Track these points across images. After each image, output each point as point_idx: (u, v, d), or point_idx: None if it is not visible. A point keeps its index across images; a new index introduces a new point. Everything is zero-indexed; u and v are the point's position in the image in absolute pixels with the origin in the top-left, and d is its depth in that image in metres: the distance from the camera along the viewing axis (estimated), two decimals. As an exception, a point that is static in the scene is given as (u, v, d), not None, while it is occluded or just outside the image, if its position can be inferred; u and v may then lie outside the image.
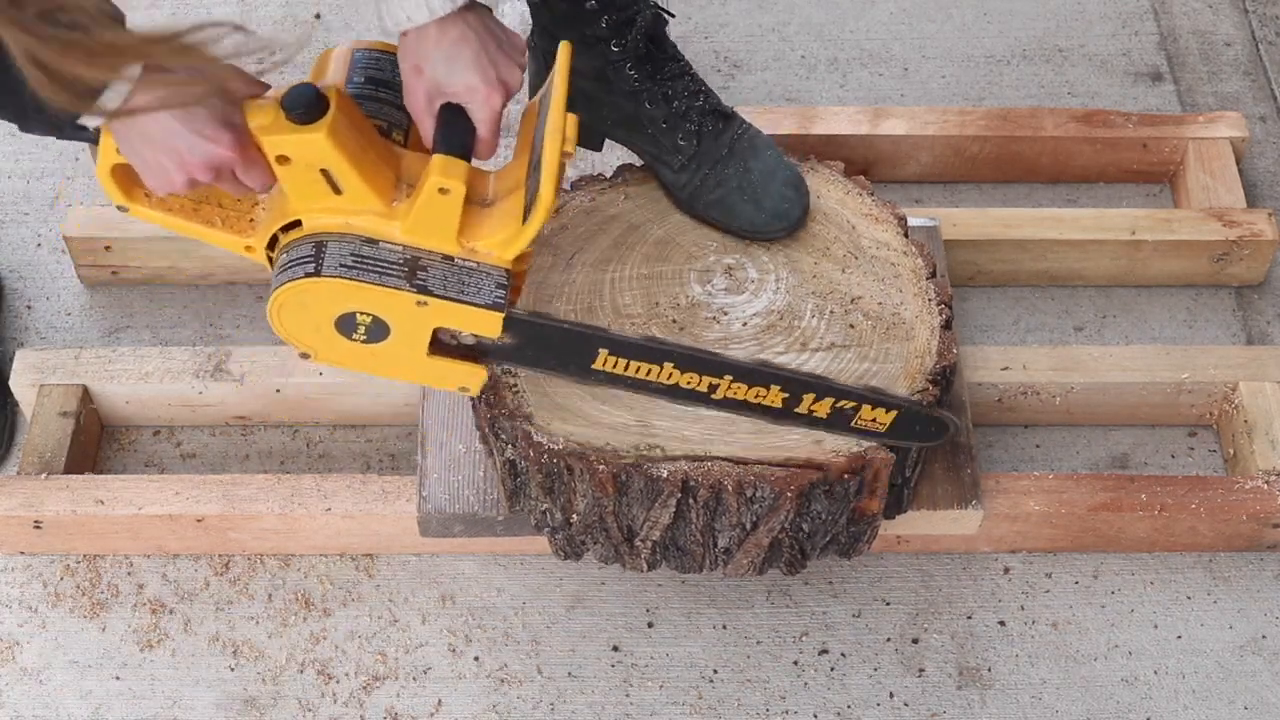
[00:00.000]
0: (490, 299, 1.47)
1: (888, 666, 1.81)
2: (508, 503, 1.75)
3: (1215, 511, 1.84)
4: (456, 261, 1.47)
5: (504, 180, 1.49)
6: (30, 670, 1.80)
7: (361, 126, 1.43)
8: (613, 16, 1.69)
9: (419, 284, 1.45)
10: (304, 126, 1.36)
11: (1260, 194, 2.26)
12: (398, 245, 1.46)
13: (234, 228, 1.50)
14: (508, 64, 1.45)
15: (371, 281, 1.44)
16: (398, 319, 1.48)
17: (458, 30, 1.41)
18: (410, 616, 1.84)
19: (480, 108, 1.45)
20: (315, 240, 1.46)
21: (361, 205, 1.44)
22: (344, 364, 1.55)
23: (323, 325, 1.50)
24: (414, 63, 1.44)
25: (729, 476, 1.58)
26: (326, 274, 1.44)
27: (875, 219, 1.82)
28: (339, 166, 1.40)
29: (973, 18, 2.49)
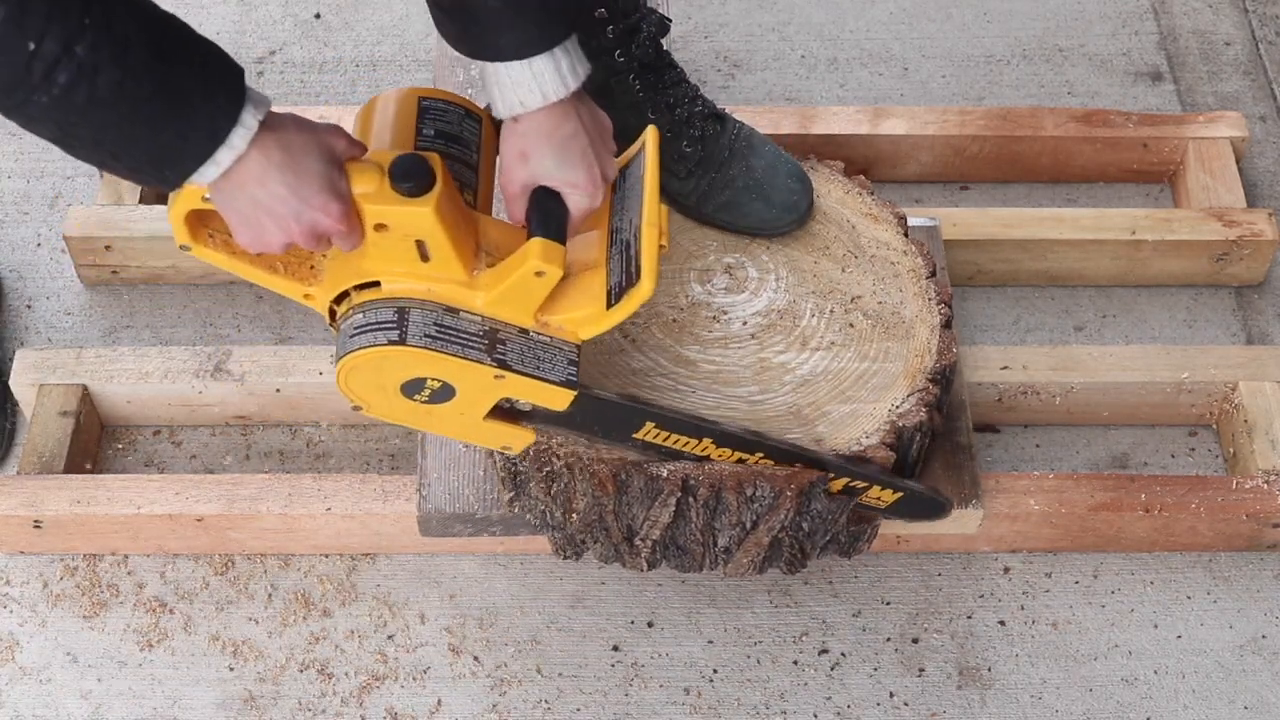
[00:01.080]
0: (564, 376, 1.47)
1: (888, 666, 1.81)
2: (508, 503, 1.75)
3: (1215, 511, 1.84)
4: (531, 335, 1.46)
5: (577, 253, 1.47)
6: (30, 670, 1.80)
7: (456, 198, 1.41)
8: (619, 25, 1.68)
9: (499, 358, 1.44)
10: (412, 199, 1.34)
11: (1260, 194, 2.26)
12: (477, 316, 1.45)
13: (295, 274, 1.48)
14: (608, 158, 1.45)
15: (454, 354, 1.43)
16: (468, 387, 1.47)
17: (571, 126, 1.39)
18: (410, 616, 1.84)
19: (582, 201, 1.43)
20: (397, 306, 1.43)
21: (446, 274, 1.42)
22: (398, 420, 1.54)
23: (389, 386, 1.48)
24: (521, 149, 1.41)
25: (729, 475, 1.58)
26: (411, 343, 1.42)
27: (875, 218, 1.83)
28: (436, 239, 1.38)
29: (973, 18, 2.49)
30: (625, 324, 1.71)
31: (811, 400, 1.67)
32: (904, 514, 1.71)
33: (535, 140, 1.40)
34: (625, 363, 1.69)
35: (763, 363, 1.70)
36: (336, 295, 1.47)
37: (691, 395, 1.67)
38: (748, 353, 1.71)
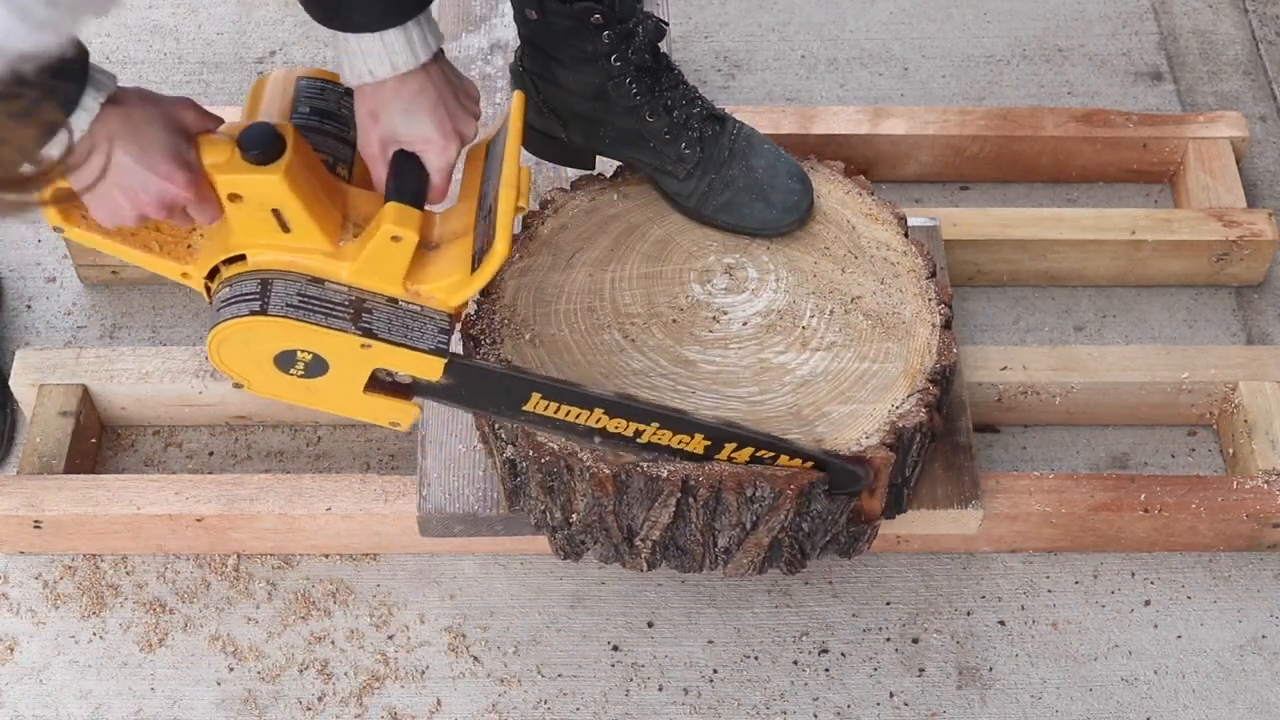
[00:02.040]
0: (433, 344, 1.47)
1: (888, 666, 1.81)
2: (508, 503, 1.75)
3: (1215, 511, 1.84)
4: (400, 304, 1.47)
5: (449, 223, 1.49)
6: (30, 670, 1.80)
7: (314, 167, 1.43)
8: (615, 30, 1.68)
9: (364, 327, 1.45)
10: (260, 167, 1.36)
11: (1260, 194, 2.26)
12: (343, 286, 1.46)
13: (171, 254, 1.49)
14: (464, 116, 1.47)
15: (317, 323, 1.44)
16: (339, 358, 1.48)
17: (417, 83, 1.42)
18: (410, 616, 1.84)
19: (435, 158, 1.46)
20: (260, 277, 1.44)
21: (309, 244, 1.43)
22: (279, 396, 1.55)
23: (262, 360, 1.49)
24: (371, 109, 1.44)
25: (729, 476, 1.58)
26: (273, 313, 1.43)
27: (875, 219, 1.82)
28: (291, 207, 1.39)
29: (973, 18, 2.49)
30: (625, 324, 1.72)
31: (811, 401, 1.67)
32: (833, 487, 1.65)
33: (383, 100, 1.42)
34: (625, 363, 1.69)
35: (763, 363, 1.70)
36: (209, 271, 1.47)
37: (691, 396, 1.67)
38: (748, 353, 1.71)
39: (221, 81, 2.36)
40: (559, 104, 1.76)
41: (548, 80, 1.75)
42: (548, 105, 1.77)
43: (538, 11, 1.67)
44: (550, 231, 1.81)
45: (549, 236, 1.80)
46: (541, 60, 1.73)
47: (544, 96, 1.76)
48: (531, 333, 1.71)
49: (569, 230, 1.81)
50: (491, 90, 2.10)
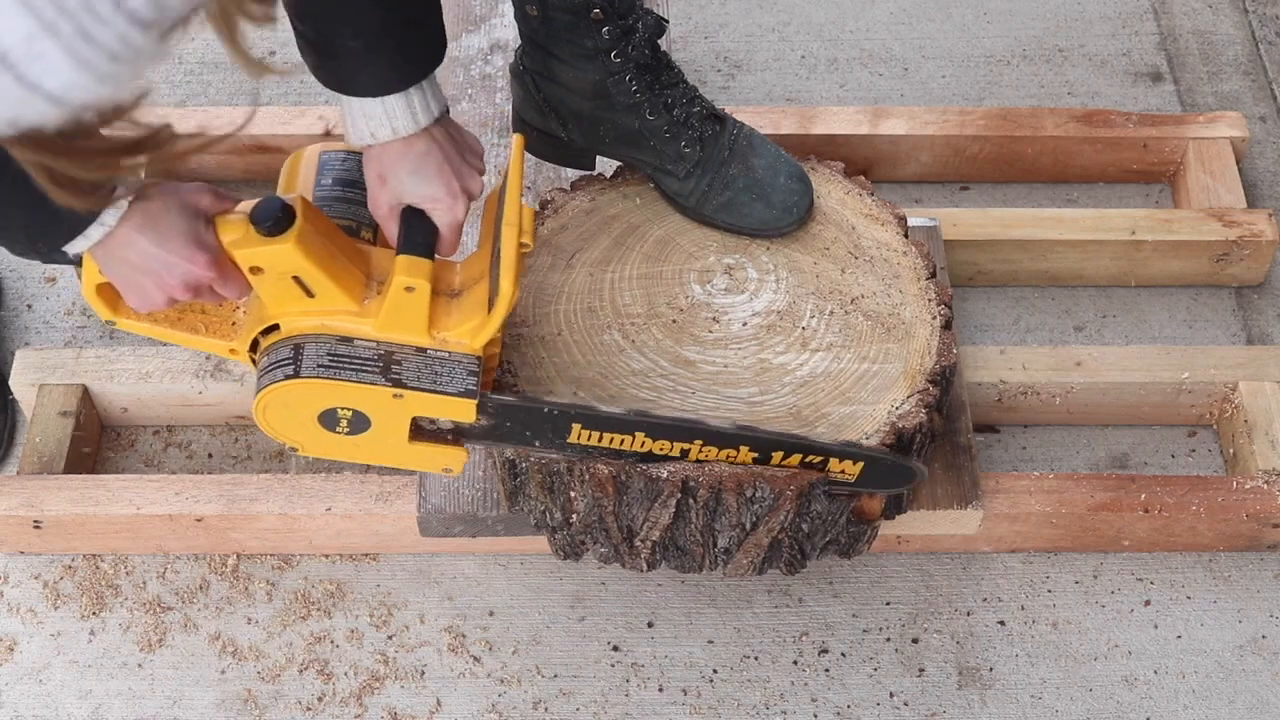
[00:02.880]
0: (462, 387, 1.51)
1: (888, 666, 1.81)
2: (507, 503, 1.75)
3: (1215, 511, 1.84)
4: (429, 353, 1.51)
5: (469, 270, 1.54)
6: (30, 670, 1.80)
7: (328, 231, 1.48)
8: (615, 26, 1.68)
9: (394, 378, 1.50)
10: (273, 238, 1.41)
11: (1260, 194, 2.26)
12: (371, 341, 1.51)
13: (217, 333, 1.56)
14: (469, 173, 1.51)
15: (348, 379, 1.49)
16: (377, 411, 1.53)
17: (423, 144, 1.46)
18: (410, 616, 1.84)
19: (443, 216, 1.50)
20: (293, 343, 1.50)
21: (334, 306, 1.49)
22: (331, 455, 1.60)
23: (307, 422, 1.54)
24: (379, 171, 1.48)
25: (728, 477, 1.58)
26: (305, 375, 1.49)
27: (875, 219, 1.82)
28: (309, 273, 1.45)
29: (973, 18, 2.49)
30: (624, 325, 1.72)
31: (811, 401, 1.67)
32: (875, 484, 1.65)
33: (390, 162, 1.47)
34: (625, 364, 1.69)
35: (763, 364, 1.70)
36: (250, 344, 1.54)
37: (691, 396, 1.67)
38: (748, 354, 1.71)
39: (221, 81, 2.36)
40: (559, 103, 1.76)
41: (548, 79, 1.74)
42: (548, 104, 1.77)
43: (538, 8, 1.67)
44: (550, 232, 1.81)
45: (549, 237, 1.80)
46: (541, 58, 1.73)
47: (544, 95, 1.76)
48: (531, 333, 1.71)
49: (569, 230, 1.81)
50: (492, 90, 2.10)
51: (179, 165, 1.27)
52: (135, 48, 0.87)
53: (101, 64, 0.87)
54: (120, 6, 0.85)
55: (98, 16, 0.85)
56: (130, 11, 0.86)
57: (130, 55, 0.88)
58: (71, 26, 0.84)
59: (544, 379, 1.68)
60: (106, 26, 0.85)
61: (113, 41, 0.86)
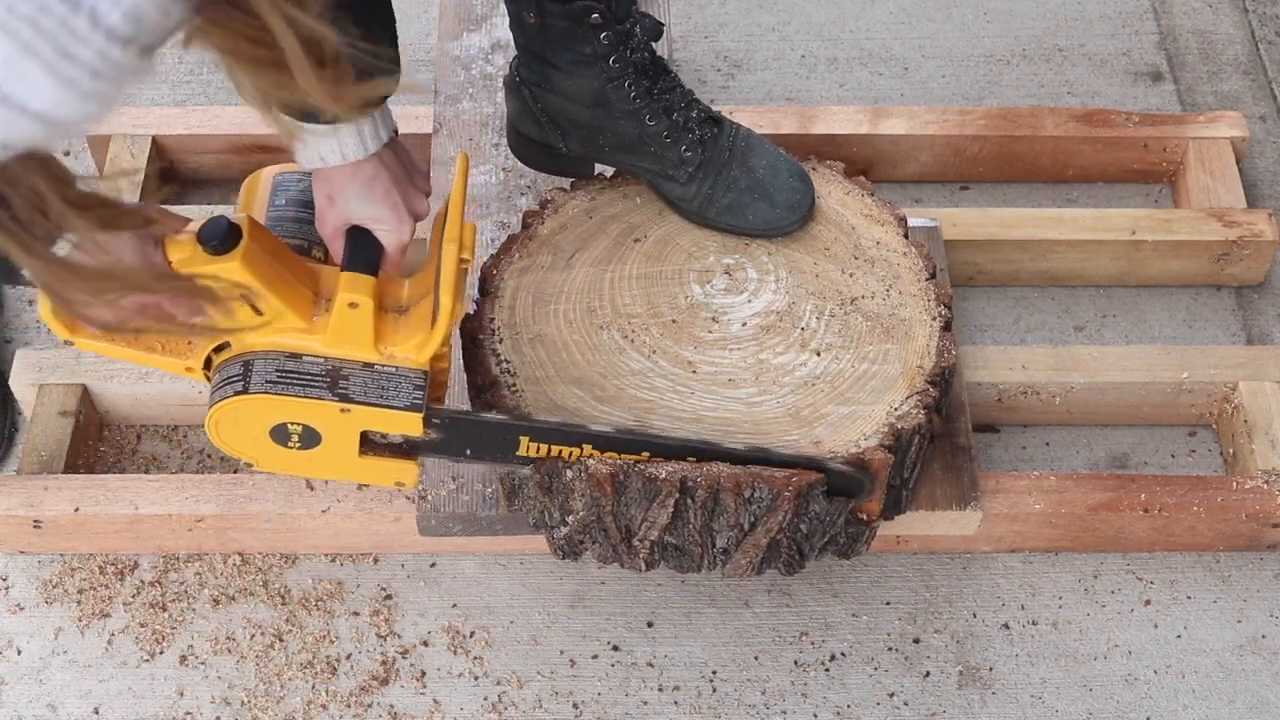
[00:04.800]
0: (408, 401, 1.54)
1: (888, 666, 1.81)
2: (506, 503, 1.75)
3: (1215, 511, 1.84)
4: (376, 368, 1.54)
5: (416, 286, 1.57)
6: (30, 670, 1.80)
7: (275, 250, 1.51)
8: (613, 30, 1.67)
9: (340, 393, 1.53)
10: (219, 257, 1.44)
11: (1260, 194, 2.26)
12: (319, 358, 1.54)
13: (174, 351, 1.58)
14: (416, 195, 1.54)
15: (296, 395, 1.53)
16: (326, 426, 1.56)
17: (371, 168, 1.48)
18: (410, 616, 1.84)
19: (389, 237, 1.52)
20: (243, 360, 1.54)
21: (283, 323, 1.51)
22: (285, 470, 1.64)
23: (259, 437, 1.58)
24: (328, 193, 1.51)
25: (727, 477, 1.58)
26: (254, 390, 1.52)
27: (875, 219, 1.82)
28: (256, 290, 1.47)
29: (973, 18, 2.49)
30: (624, 325, 1.72)
31: (810, 402, 1.67)
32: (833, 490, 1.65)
33: (339, 184, 1.49)
34: (624, 363, 1.70)
35: (762, 364, 1.70)
36: (204, 362, 1.57)
37: (691, 397, 1.67)
38: (747, 354, 1.71)
39: (221, 82, 2.36)
40: (558, 113, 1.76)
41: (545, 88, 1.74)
42: (546, 114, 1.77)
43: (535, 14, 1.67)
44: (550, 231, 1.81)
45: (549, 236, 1.80)
46: (539, 67, 1.73)
47: (542, 106, 1.76)
48: (531, 333, 1.72)
49: (569, 230, 1.81)
50: (493, 90, 2.10)
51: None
52: (116, 64, 0.88)
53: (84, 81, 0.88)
54: (98, 24, 0.86)
55: (76, 35, 0.86)
56: (108, 29, 0.86)
57: (112, 72, 0.89)
58: (50, 46, 0.85)
59: (543, 379, 1.68)
60: (85, 45, 0.86)
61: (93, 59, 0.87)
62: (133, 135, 2.17)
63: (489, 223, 1.97)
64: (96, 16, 0.86)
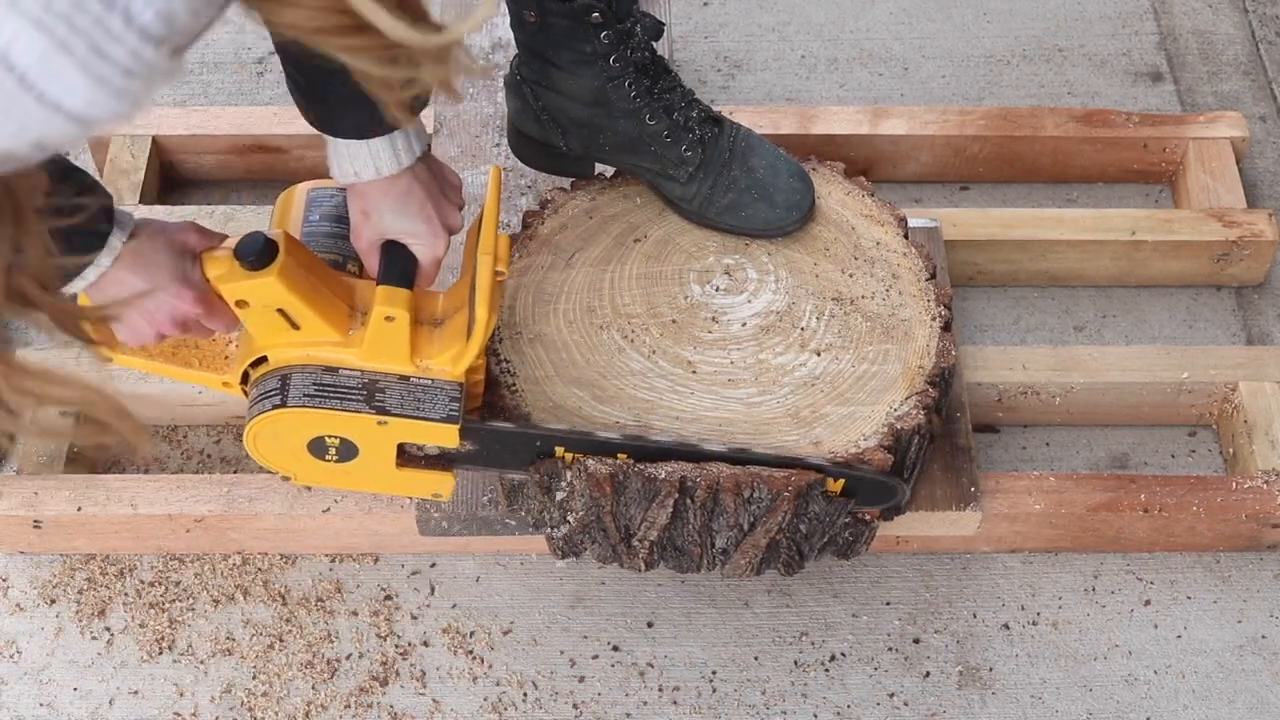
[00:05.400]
0: (444, 413, 1.55)
1: (888, 666, 1.81)
2: (506, 502, 1.75)
3: (1215, 511, 1.84)
4: (412, 380, 1.56)
5: (451, 299, 1.58)
6: (30, 670, 1.80)
7: (311, 265, 1.52)
8: (613, 30, 1.68)
9: (377, 405, 1.55)
10: (256, 273, 1.45)
11: (1260, 194, 2.25)
12: (356, 371, 1.55)
13: (211, 366, 1.61)
14: (449, 209, 1.55)
15: (333, 408, 1.54)
16: (363, 439, 1.58)
17: (405, 182, 1.50)
18: (410, 616, 1.84)
19: (424, 250, 1.54)
20: (281, 374, 1.56)
21: (319, 337, 1.53)
22: (322, 483, 1.66)
23: (297, 450, 1.60)
24: (362, 208, 1.52)
25: (726, 477, 1.58)
26: (292, 404, 1.54)
27: (875, 220, 1.82)
28: (293, 305, 1.49)
29: (973, 18, 2.49)
30: (624, 324, 1.72)
31: (810, 402, 1.67)
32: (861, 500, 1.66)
33: (374, 199, 1.51)
34: (624, 363, 1.70)
35: (761, 364, 1.70)
36: (242, 377, 1.59)
37: (690, 396, 1.67)
38: (747, 354, 1.71)
39: (221, 82, 2.36)
40: (558, 112, 1.76)
41: (546, 87, 1.74)
42: (546, 113, 1.77)
43: (536, 13, 1.67)
44: (550, 231, 1.81)
45: (549, 236, 1.80)
46: (539, 66, 1.73)
47: (543, 104, 1.76)
48: (530, 332, 1.72)
49: (569, 230, 1.81)
50: (493, 89, 2.10)
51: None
52: (148, 64, 0.89)
53: (116, 80, 0.88)
54: (131, 23, 0.87)
55: (110, 33, 0.86)
56: (141, 28, 0.87)
57: (144, 71, 0.89)
58: (85, 44, 0.86)
59: (543, 378, 1.68)
60: (119, 43, 0.87)
61: (125, 58, 0.88)
62: (133, 135, 2.17)
63: (489, 223, 1.97)
64: (130, 15, 0.86)
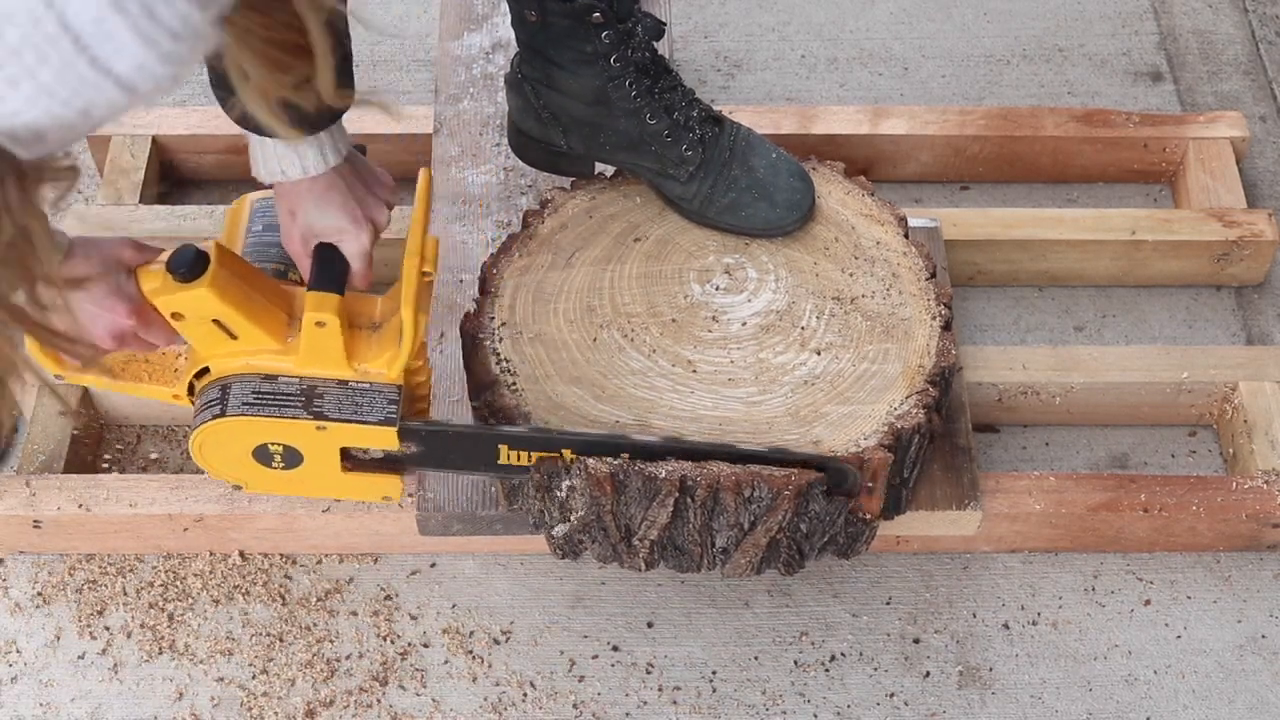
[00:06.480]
0: (382, 415, 1.56)
1: (888, 666, 1.81)
2: (506, 502, 1.75)
3: (1215, 511, 1.84)
4: (350, 385, 1.57)
5: (389, 302, 1.59)
6: (30, 670, 1.80)
7: (246, 274, 1.53)
8: (614, 30, 1.68)
9: (315, 411, 1.56)
10: (187, 284, 1.46)
11: (1260, 194, 2.25)
12: (295, 378, 1.57)
13: (160, 379, 1.62)
14: (375, 203, 1.56)
15: (271, 415, 1.56)
16: (305, 445, 1.59)
17: (326, 180, 1.51)
18: (410, 616, 1.84)
19: (350, 245, 1.54)
20: (221, 384, 1.57)
21: (257, 346, 1.54)
22: (272, 490, 1.69)
23: (242, 459, 1.62)
24: (288, 207, 1.54)
25: (726, 477, 1.58)
26: (231, 413, 1.56)
27: (876, 219, 1.83)
28: (227, 315, 1.50)
29: (973, 18, 2.49)
30: (624, 324, 1.72)
31: (810, 402, 1.67)
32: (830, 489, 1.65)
33: (297, 198, 1.53)
34: (624, 363, 1.70)
35: (761, 363, 1.70)
36: (188, 389, 1.60)
37: (690, 396, 1.67)
38: (747, 353, 1.71)
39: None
40: (559, 110, 1.76)
41: (547, 86, 1.74)
42: (548, 111, 1.77)
43: (537, 12, 1.67)
44: (550, 230, 1.81)
45: (549, 235, 1.80)
46: (540, 65, 1.73)
47: (544, 103, 1.76)
48: (531, 332, 1.72)
49: (569, 229, 1.81)
50: (493, 89, 2.10)
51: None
52: (194, 28, 0.89)
53: (165, 42, 0.89)
54: None
55: None
56: None
57: (190, 35, 0.90)
58: (138, 4, 0.86)
59: (543, 378, 1.68)
60: (170, 5, 0.87)
61: (174, 20, 0.88)
62: (133, 135, 2.17)
63: (489, 222, 1.97)
64: None
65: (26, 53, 0.85)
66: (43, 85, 0.87)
